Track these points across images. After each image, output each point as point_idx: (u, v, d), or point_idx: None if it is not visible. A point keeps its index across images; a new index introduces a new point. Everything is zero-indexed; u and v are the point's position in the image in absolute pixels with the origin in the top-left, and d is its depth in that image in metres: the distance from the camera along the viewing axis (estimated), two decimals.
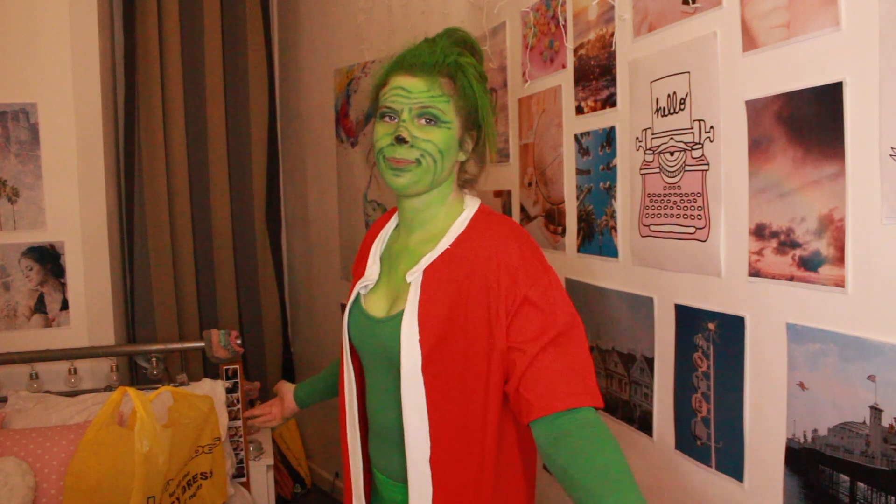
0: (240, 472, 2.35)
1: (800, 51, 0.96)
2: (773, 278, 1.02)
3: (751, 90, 1.04)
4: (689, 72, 1.16)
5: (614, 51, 1.37)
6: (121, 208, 2.79)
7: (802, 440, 0.98)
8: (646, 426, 1.34)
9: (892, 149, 0.83)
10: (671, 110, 1.21)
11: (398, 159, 1.04)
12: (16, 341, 2.37)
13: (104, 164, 2.54)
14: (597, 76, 1.43)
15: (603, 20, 1.40)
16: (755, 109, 1.04)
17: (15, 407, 2.14)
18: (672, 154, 1.22)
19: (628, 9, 1.32)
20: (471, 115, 1.08)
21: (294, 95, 3.27)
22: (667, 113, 1.22)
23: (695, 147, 1.16)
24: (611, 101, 1.39)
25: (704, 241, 1.15)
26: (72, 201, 2.44)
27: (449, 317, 1.02)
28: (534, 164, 1.70)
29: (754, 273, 1.06)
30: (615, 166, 1.39)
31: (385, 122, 1.06)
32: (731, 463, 1.12)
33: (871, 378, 0.87)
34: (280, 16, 3.34)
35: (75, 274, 2.46)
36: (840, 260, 0.91)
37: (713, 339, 1.15)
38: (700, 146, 1.15)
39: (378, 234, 1.22)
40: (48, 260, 2.43)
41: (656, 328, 1.30)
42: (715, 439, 1.16)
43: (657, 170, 1.26)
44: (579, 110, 1.50)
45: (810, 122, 0.94)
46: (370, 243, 1.22)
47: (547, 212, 1.66)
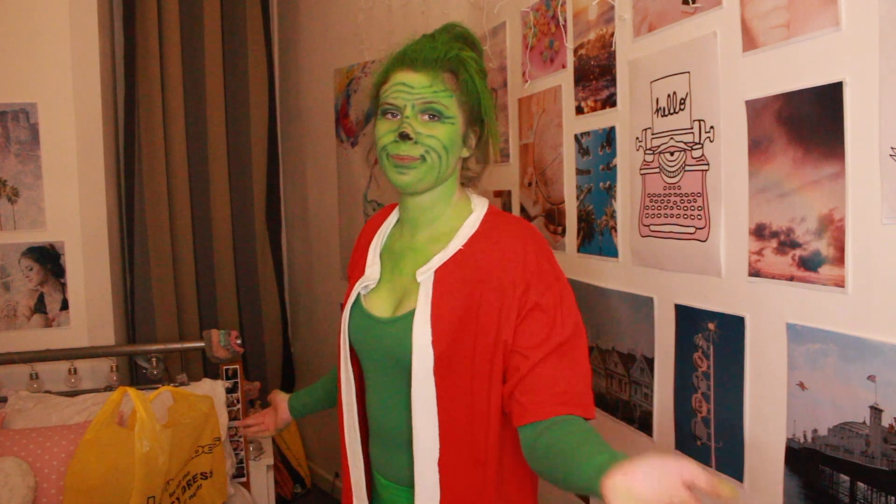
0: (240, 472, 2.35)
1: (800, 51, 0.96)
2: (773, 278, 1.02)
3: (751, 90, 1.04)
4: (689, 72, 1.16)
5: (614, 51, 1.37)
6: (121, 208, 2.79)
7: (802, 440, 0.98)
8: (646, 426, 1.34)
9: (892, 149, 0.83)
10: (671, 110, 1.21)
11: (402, 156, 1.01)
12: (16, 341, 2.37)
13: (104, 164, 2.54)
14: (597, 76, 1.43)
15: (603, 20, 1.40)
16: (755, 109, 1.03)
17: (15, 407, 2.14)
18: (672, 154, 1.22)
19: (628, 9, 1.32)
20: (473, 111, 1.07)
21: (294, 95, 3.27)
22: (667, 113, 1.22)
23: (695, 147, 1.16)
24: (611, 101, 1.39)
25: (704, 241, 1.15)
26: (72, 201, 2.44)
27: (462, 318, 1.00)
28: (534, 164, 1.70)
29: (754, 273, 1.06)
30: (615, 166, 1.39)
31: (387, 119, 1.04)
32: (731, 463, 1.12)
33: (871, 378, 0.87)
34: (280, 16, 3.34)
35: (75, 274, 2.46)
36: (840, 260, 0.91)
37: (713, 339, 1.15)
38: (700, 146, 1.15)
39: (375, 232, 1.19)
40: (48, 260, 2.43)
41: (656, 328, 1.30)
42: (715, 439, 1.16)
43: (657, 170, 1.26)
44: (579, 110, 1.50)
45: (810, 122, 0.94)
46: (367, 242, 1.19)
47: (547, 212, 1.66)
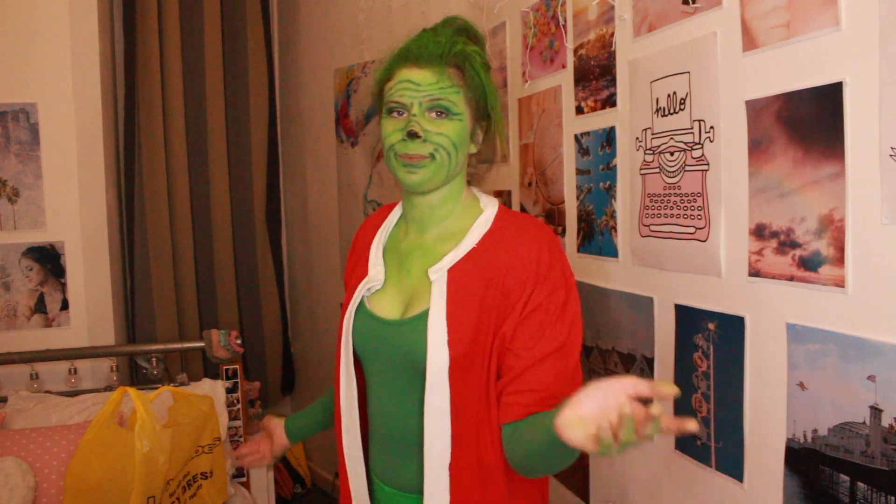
0: (240, 472, 2.35)
1: (800, 51, 0.96)
2: (773, 278, 1.02)
3: (751, 90, 1.04)
4: (689, 72, 1.16)
5: (614, 51, 1.37)
6: (121, 208, 2.79)
7: (802, 440, 0.98)
8: None
9: (892, 149, 0.83)
10: (671, 110, 1.21)
11: (411, 155, 0.99)
12: (16, 341, 2.37)
13: (104, 164, 2.54)
14: (597, 76, 1.43)
15: (603, 20, 1.40)
16: (755, 109, 1.03)
17: (15, 407, 2.15)
18: (672, 154, 1.22)
19: (628, 9, 1.32)
20: (480, 106, 1.05)
21: (294, 95, 3.27)
22: (667, 113, 1.22)
23: (695, 147, 1.16)
24: (611, 101, 1.39)
25: (704, 241, 1.15)
26: (72, 201, 2.44)
27: (478, 318, 0.98)
28: (534, 164, 1.70)
29: (754, 273, 1.06)
30: (615, 166, 1.39)
31: (393, 118, 1.02)
32: (731, 463, 1.12)
33: (871, 378, 0.87)
34: (280, 16, 3.34)
35: (75, 274, 2.46)
36: (840, 260, 0.91)
37: (713, 339, 1.15)
38: (700, 146, 1.15)
39: (373, 234, 1.16)
40: (48, 260, 2.43)
41: (656, 328, 1.30)
42: (715, 439, 1.16)
43: (657, 170, 1.26)
44: (579, 110, 1.50)
45: (810, 122, 0.94)
46: (365, 245, 1.16)
47: (547, 212, 1.66)
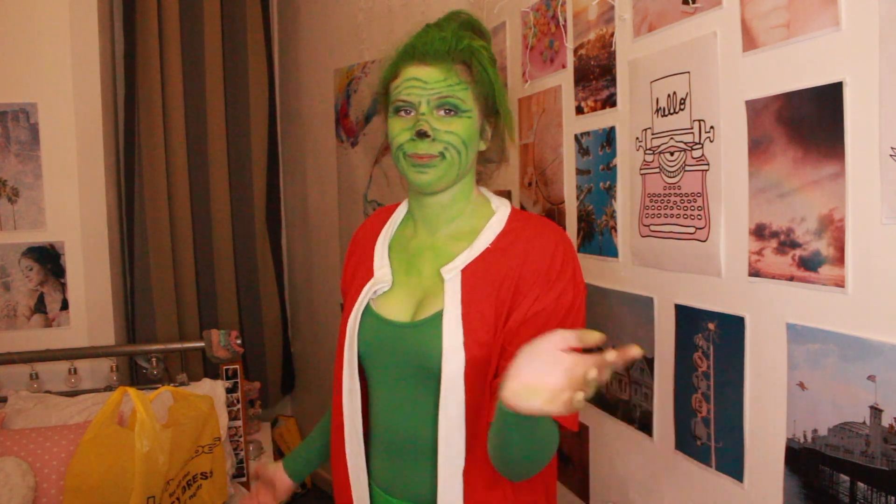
0: (240, 472, 2.35)
1: (800, 51, 0.96)
2: (773, 278, 1.02)
3: (751, 90, 1.04)
4: (689, 72, 1.16)
5: (614, 51, 1.37)
6: (121, 208, 2.79)
7: (802, 440, 0.98)
8: (646, 426, 1.34)
9: (892, 149, 0.83)
10: (671, 110, 1.21)
11: (421, 155, 0.98)
12: (16, 341, 2.37)
13: (104, 164, 2.54)
14: (597, 76, 1.43)
15: (603, 20, 1.40)
16: (755, 109, 1.03)
17: (15, 407, 2.15)
18: (672, 154, 1.22)
19: (628, 9, 1.32)
20: (488, 102, 1.03)
21: (294, 95, 3.27)
22: (667, 113, 1.22)
23: (695, 147, 1.16)
24: (611, 101, 1.39)
25: (704, 241, 1.15)
26: (72, 201, 2.44)
27: (494, 318, 0.97)
28: (534, 164, 1.70)
29: (754, 273, 1.06)
30: (615, 166, 1.39)
31: (401, 117, 1.00)
32: (731, 463, 1.12)
33: (871, 378, 0.87)
34: (280, 16, 3.34)
35: (75, 274, 2.46)
36: (840, 260, 0.91)
37: (713, 339, 1.15)
38: (700, 146, 1.15)
39: (375, 235, 1.14)
40: (48, 260, 2.43)
41: (656, 328, 1.30)
42: (715, 439, 1.16)
43: (657, 170, 1.26)
44: (579, 110, 1.50)
45: (810, 122, 0.94)
46: (367, 246, 1.14)
47: (547, 212, 1.66)
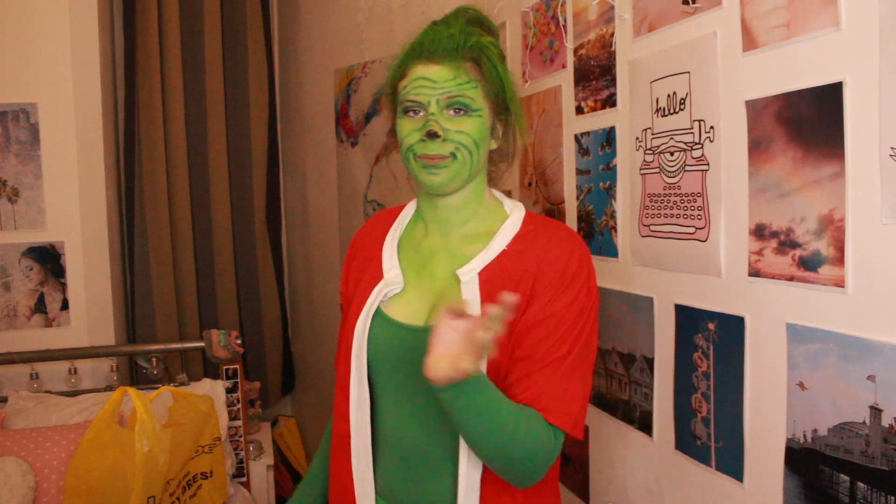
0: (240, 472, 2.36)
1: (800, 51, 0.96)
2: (773, 278, 1.02)
3: (751, 90, 1.04)
4: (689, 72, 1.16)
5: (614, 51, 1.37)
6: (121, 208, 2.79)
7: (802, 440, 0.98)
8: (646, 426, 1.34)
9: (892, 149, 0.83)
10: (671, 110, 1.21)
11: (431, 156, 0.96)
12: (16, 341, 2.37)
13: (104, 164, 2.54)
14: (597, 76, 1.43)
15: (603, 20, 1.40)
16: (755, 109, 1.03)
17: (15, 407, 2.15)
18: (672, 154, 1.22)
19: (628, 9, 1.32)
20: (499, 99, 1.01)
21: (294, 95, 3.27)
22: (667, 113, 1.22)
23: (695, 147, 1.16)
24: (611, 101, 1.39)
25: (704, 241, 1.15)
26: (72, 201, 2.44)
27: (511, 320, 0.94)
28: (534, 164, 1.70)
29: (754, 273, 1.06)
30: (615, 166, 1.39)
31: (410, 118, 0.98)
32: (731, 463, 1.12)
33: (871, 378, 0.87)
34: (280, 16, 3.34)
35: (75, 274, 2.46)
36: (840, 260, 0.91)
37: (713, 339, 1.15)
38: (700, 146, 1.15)
39: (380, 238, 1.11)
40: (48, 260, 2.43)
41: (656, 328, 1.30)
42: (715, 439, 1.16)
43: (657, 170, 1.26)
44: (579, 110, 1.50)
45: (810, 122, 0.94)
46: (371, 248, 1.12)
47: (547, 212, 1.66)
